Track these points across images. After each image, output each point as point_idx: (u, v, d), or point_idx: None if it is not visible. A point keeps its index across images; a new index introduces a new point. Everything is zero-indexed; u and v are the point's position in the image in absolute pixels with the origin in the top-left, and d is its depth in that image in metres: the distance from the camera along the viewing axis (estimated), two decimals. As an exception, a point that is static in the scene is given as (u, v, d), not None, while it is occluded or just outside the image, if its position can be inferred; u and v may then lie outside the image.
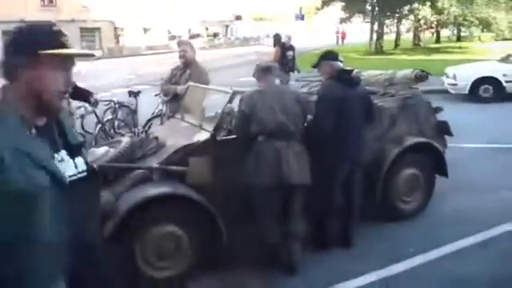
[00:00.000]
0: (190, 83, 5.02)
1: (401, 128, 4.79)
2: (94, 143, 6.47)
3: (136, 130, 7.03)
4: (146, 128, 6.64)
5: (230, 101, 4.01)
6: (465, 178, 5.74)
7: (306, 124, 4.08)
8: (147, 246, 3.68)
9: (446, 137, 5.19)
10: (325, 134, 3.99)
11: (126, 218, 3.53)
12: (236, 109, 3.99)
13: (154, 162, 3.94)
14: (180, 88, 5.19)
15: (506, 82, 10.90)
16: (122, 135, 7.01)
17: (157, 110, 7.11)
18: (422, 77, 4.87)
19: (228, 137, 4.07)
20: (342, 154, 4.05)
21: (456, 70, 11.93)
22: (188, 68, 5.45)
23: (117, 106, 7.31)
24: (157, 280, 3.74)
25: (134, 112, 7.47)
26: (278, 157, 3.73)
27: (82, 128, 6.97)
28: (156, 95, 7.22)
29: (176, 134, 4.36)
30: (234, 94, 4.02)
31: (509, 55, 12.33)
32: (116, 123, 7.31)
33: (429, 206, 5.02)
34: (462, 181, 5.64)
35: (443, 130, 5.09)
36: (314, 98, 4.55)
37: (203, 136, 4.02)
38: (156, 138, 4.21)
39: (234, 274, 3.92)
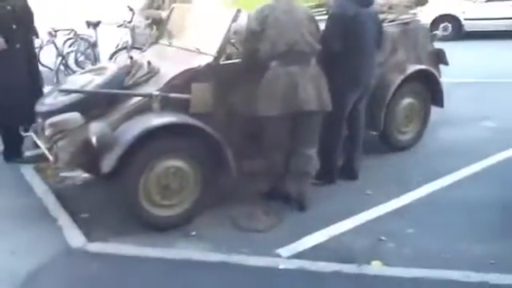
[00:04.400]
0: (175, 4, 4.50)
1: (401, 54, 4.56)
2: (55, 80, 5.76)
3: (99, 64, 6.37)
4: (113, 61, 6.02)
5: (235, 19, 3.57)
6: (449, 110, 5.69)
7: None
8: (150, 183, 3.30)
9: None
10: (333, 55, 3.67)
11: (127, 152, 3.12)
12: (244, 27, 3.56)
13: (149, 90, 3.49)
14: (165, 13, 4.65)
15: (465, 19, 10.94)
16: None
17: (121, 42, 6.45)
18: (422, 0, 4.63)
19: (231, 61, 3.67)
20: (356, 78, 3.77)
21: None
22: None
23: (78, 36, 6.54)
24: (161, 218, 3.39)
25: (93, 45, 6.74)
26: (292, 82, 3.38)
27: (39, 62, 6.20)
28: (119, 26, 6.55)
29: (168, 60, 3.88)
30: (239, 11, 3.57)
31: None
32: (78, 56, 6.56)
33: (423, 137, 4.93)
34: (447, 113, 5.59)
35: (439, 58, 4.93)
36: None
37: (204, 60, 3.59)
38: (149, 62, 3.72)
39: (242, 210, 3.64)
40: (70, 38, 6.55)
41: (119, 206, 3.50)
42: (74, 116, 3.27)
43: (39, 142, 3.71)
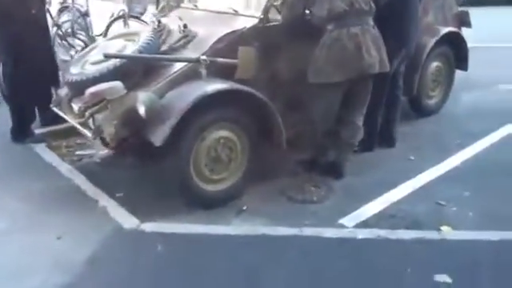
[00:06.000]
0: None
1: (431, 16, 4.43)
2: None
3: (93, 35, 5.94)
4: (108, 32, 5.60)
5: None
6: (465, 74, 5.62)
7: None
8: (199, 156, 3.06)
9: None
10: (382, 14, 3.48)
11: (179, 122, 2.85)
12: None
13: (190, 55, 3.22)
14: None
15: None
16: (82, 41, 5.96)
17: (117, 12, 6.01)
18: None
19: (275, 23, 3.42)
20: (405, 37, 3.61)
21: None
22: None
23: (74, 4, 6.05)
24: (211, 194, 3.16)
25: (85, 14, 6.26)
26: (356, 45, 3.15)
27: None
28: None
29: (202, 24, 3.56)
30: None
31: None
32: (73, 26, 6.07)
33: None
34: (464, 77, 5.51)
35: (463, 20, 4.81)
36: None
37: (248, 22, 3.33)
38: (185, 25, 3.42)
39: (289, 182, 3.47)
40: (66, 7, 6.05)
41: (154, 183, 3.26)
42: (117, 85, 2.96)
43: (67, 117, 3.38)
